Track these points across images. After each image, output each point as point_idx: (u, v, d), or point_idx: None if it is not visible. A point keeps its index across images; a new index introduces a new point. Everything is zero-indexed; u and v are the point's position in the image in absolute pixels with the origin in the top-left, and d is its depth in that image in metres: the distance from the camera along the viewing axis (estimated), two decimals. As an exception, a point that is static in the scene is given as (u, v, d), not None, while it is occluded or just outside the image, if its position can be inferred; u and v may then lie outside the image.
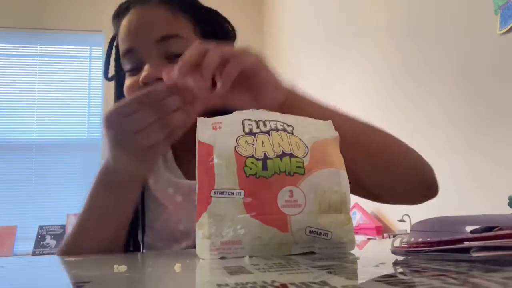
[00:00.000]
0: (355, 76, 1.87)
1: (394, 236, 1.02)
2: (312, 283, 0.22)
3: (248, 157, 0.40)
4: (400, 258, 0.34)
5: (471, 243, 0.29)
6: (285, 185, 0.40)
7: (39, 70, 3.44)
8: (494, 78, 1.05)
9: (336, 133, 0.47)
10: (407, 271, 0.27)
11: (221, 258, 0.39)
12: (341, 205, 0.42)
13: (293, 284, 0.22)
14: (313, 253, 0.41)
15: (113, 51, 0.73)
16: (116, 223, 0.58)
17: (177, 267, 0.32)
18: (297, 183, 0.40)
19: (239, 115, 0.46)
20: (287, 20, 2.98)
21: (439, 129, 1.26)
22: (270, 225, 0.39)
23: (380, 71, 1.65)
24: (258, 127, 0.44)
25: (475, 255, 0.29)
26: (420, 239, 0.34)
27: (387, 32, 1.60)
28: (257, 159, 0.40)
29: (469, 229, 0.33)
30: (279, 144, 0.42)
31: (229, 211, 0.39)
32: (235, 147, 0.41)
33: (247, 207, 0.39)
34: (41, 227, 2.93)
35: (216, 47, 0.50)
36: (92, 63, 3.51)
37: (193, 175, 0.43)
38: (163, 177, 0.69)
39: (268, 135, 0.43)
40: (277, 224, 0.39)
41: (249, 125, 0.44)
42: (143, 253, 0.66)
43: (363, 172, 0.59)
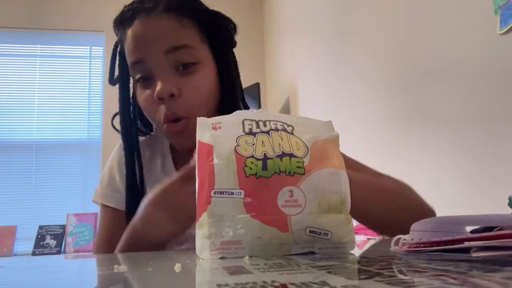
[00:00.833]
0: (355, 76, 1.87)
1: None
2: (312, 283, 0.22)
3: (248, 157, 0.40)
4: (400, 258, 0.34)
5: (471, 243, 0.29)
6: (285, 185, 0.40)
7: (39, 70, 3.44)
8: (494, 78, 1.05)
9: (336, 133, 0.47)
10: (407, 271, 0.27)
11: (221, 258, 0.39)
12: (341, 205, 0.42)
13: (293, 284, 0.22)
14: (313, 253, 0.41)
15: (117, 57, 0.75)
16: None
17: (177, 267, 0.32)
18: (297, 183, 0.40)
19: (239, 115, 0.46)
20: (287, 20, 2.98)
21: (439, 129, 1.26)
22: (270, 225, 0.39)
23: (380, 71, 1.66)
24: (258, 127, 0.44)
25: (475, 255, 0.29)
26: (420, 239, 0.34)
27: (387, 32, 1.60)
28: (257, 159, 0.40)
29: (469, 229, 0.33)
30: (279, 144, 0.42)
31: (229, 211, 0.39)
32: (235, 147, 0.41)
33: (247, 207, 0.39)
34: (41, 227, 2.93)
35: None
36: (92, 63, 3.50)
37: None
38: (162, 181, 0.69)
39: (268, 135, 0.43)
40: (277, 224, 0.39)
41: (249, 125, 0.44)
42: (143, 253, 0.66)
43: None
